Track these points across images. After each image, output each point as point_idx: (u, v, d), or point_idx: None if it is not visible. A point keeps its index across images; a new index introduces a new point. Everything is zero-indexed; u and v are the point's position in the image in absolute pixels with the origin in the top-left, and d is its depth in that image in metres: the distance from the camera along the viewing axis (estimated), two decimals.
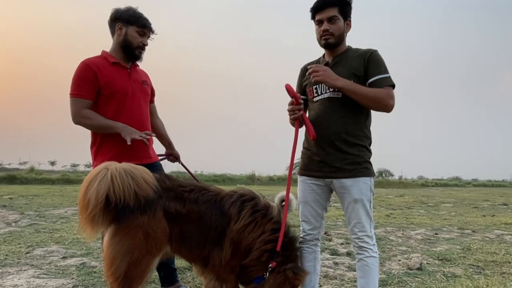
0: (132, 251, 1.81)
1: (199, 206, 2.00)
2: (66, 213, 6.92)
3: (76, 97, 2.32)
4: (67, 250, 3.90)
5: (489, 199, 13.89)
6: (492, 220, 7.23)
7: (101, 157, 2.36)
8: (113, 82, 2.37)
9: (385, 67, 2.12)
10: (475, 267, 3.61)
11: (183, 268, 3.33)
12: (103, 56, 2.45)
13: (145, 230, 1.82)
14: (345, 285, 3.01)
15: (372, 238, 2.15)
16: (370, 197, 2.14)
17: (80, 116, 2.32)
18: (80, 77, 2.33)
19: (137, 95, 2.48)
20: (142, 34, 2.45)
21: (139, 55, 2.49)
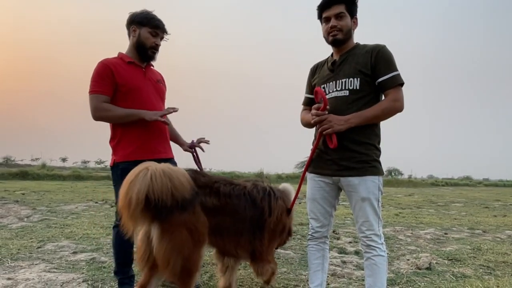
0: (182, 248, 1.96)
1: (232, 200, 2.21)
2: (76, 209, 7.02)
3: (95, 93, 2.43)
4: (77, 245, 3.95)
5: (501, 199, 13.68)
6: (503, 221, 7.12)
7: (121, 151, 2.47)
8: (129, 80, 2.48)
9: (393, 64, 2.08)
10: (486, 268, 3.57)
11: None
12: (119, 56, 2.57)
13: (188, 227, 1.99)
14: (353, 284, 3.00)
15: (380, 237, 2.14)
16: (378, 196, 2.13)
17: (100, 109, 2.41)
18: (99, 75, 2.43)
19: (152, 92, 2.58)
20: (154, 34, 2.54)
21: (152, 55, 2.58)
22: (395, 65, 2.08)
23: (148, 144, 2.49)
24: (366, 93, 2.11)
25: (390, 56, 2.09)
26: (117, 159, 2.49)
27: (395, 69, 2.07)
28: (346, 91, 2.13)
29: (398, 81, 2.05)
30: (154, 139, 2.51)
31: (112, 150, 2.55)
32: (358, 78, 2.10)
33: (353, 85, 2.11)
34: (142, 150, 2.46)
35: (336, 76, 2.19)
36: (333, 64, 2.23)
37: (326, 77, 2.23)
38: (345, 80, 2.14)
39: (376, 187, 2.11)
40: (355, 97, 2.10)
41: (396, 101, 2.04)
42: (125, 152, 2.46)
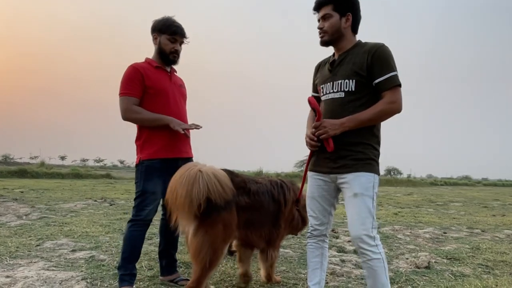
0: (215, 241, 2.22)
1: (260, 197, 2.53)
2: (75, 207, 7.01)
3: (126, 95, 2.58)
4: (76, 243, 3.95)
5: (499, 199, 13.71)
6: (502, 220, 7.13)
7: (147, 149, 2.62)
8: (157, 83, 2.64)
9: (390, 64, 2.02)
10: (484, 267, 3.57)
11: (190, 263, 3.35)
12: (147, 61, 2.73)
13: (225, 223, 2.25)
14: (352, 283, 3.00)
15: (374, 238, 2.06)
16: (371, 194, 2.07)
17: (130, 111, 2.57)
18: (129, 78, 2.59)
19: (177, 95, 2.75)
20: (173, 41, 2.69)
21: (173, 59, 2.74)
22: (392, 65, 2.03)
23: (173, 144, 2.64)
24: (363, 95, 2.08)
25: (387, 56, 2.03)
26: (142, 157, 2.62)
27: (392, 69, 2.01)
28: (342, 93, 2.11)
29: (395, 82, 2.00)
30: (178, 139, 2.66)
31: (137, 148, 2.68)
32: (354, 80, 2.08)
33: (349, 86, 2.09)
34: (167, 149, 2.62)
35: (334, 77, 2.17)
36: (332, 64, 2.22)
37: (325, 78, 2.23)
38: (341, 81, 2.12)
39: (370, 183, 2.07)
40: (351, 99, 2.09)
41: (392, 103, 2.00)
42: (151, 151, 2.60)
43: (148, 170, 2.60)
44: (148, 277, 2.95)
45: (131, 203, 8.01)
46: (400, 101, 2.03)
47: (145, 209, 2.60)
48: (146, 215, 2.61)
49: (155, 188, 2.60)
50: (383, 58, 2.03)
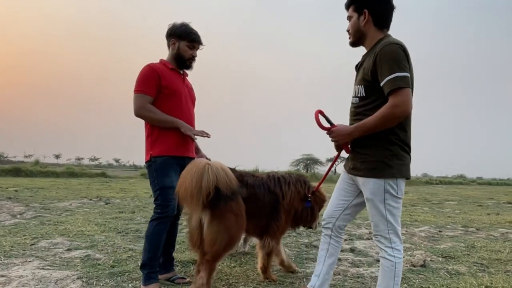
0: (229, 229, 2.44)
1: (255, 189, 2.73)
2: (70, 206, 6.97)
3: (141, 93, 2.65)
4: (71, 242, 3.92)
5: (494, 198, 13.80)
6: (497, 219, 7.18)
7: (158, 147, 2.70)
8: (172, 84, 2.73)
9: (391, 65, 1.91)
10: (479, 265, 3.59)
11: (187, 262, 3.35)
12: (162, 63, 2.81)
13: (235, 212, 2.47)
14: (348, 281, 3.00)
15: (389, 240, 2.07)
16: (383, 198, 2.04)
17: (145, 109, 2.64)
18: (146, 77, 2.66)
19: (188, 98, 2.86)
20: (192, 47, 2.79)
21: (189, 65, 2.85)
22: (393, 66, 1.91)
23: (182, 143, 2.74)
24: (374, 99, 2.04)
25: (389, 57, 1.93)
26: (154, 153, 2.70)
27: (394, 71, 1.90)
28: (356, 98, 2.15)
29: (395, 84, 1.89)
30: (186, 140, 2.76)
31: (148, 145, 2.75)
32: (363, 86, 2.08)
33: (360, 92, 2.11)
34: (178, 147, 2.72)
35: (355, 82, 2.22)
36: (356, 67, 2.25)
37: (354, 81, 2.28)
38: (357, 87, 2.15)
39: (380, 188, 2.03)
40: (363, 103, 2.09)
41: (396, 107, 1.90)
42: (163, 148, 2.68)
43: (162, 166, 2.67)
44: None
45: (126, 202, 8.02)
46: (405, 103, 1.90)
47: (169, 205, 2.65)
48: (171, 211, 2.67)
49: (173, 182, 2.63)
50: (384, 60, 1.94)
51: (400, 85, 1.89)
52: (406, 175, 2.08)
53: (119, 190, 11.14)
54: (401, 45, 1.97)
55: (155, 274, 2.66)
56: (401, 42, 1.99)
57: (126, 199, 8.65)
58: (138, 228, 4.89)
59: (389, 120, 1.94)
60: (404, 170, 2.07)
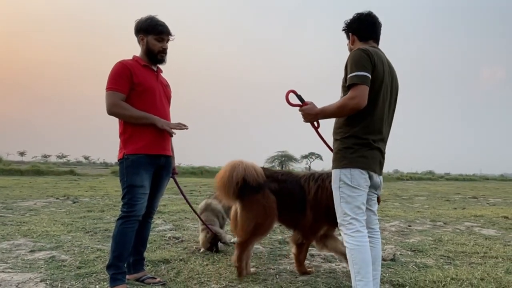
0: (256, 217, 2.80)
1: (287, 185, 2.93)
2: (35, 205, 6.68)
3: (113, 90, 2.58)
4: (35, 244, 3.75)
5: (460, 193, 14.38)
6: (463, 213, 7.46)
7: (133, 144, 2.62)
8: (144, 81, 2.66)
9: (349, 67, 2.17)
10: (446, 258, 3.71)
11: (158, 261, 3.26)
12: (135, 59, 2.74)
13: (262, 203, 2.81)
14: (321, 276, 3.02)
15: (345, 227, 2.25)
16: (338, 186, 2.27)
17: (117, 107, 2.57)
18: (117, 74, 2.60)
19: (162, 95, 2.79)
20: (160, 40, 2.72)
21: (161, 59, 2.77)
22: (353, 66, 2.16)
23: (157, 141, 2.67)
24: None
25: (351, 60, 2.19)
26: (127, 152, 2.62)
27: (353, 70, 2.15)
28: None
29: (351, 81, 2.14)
30: (161, 137, 2.70)
31: (122, 143, 2.68)
32: (343, 92, 2.31)
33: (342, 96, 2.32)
34: (152, 145, 2.65)
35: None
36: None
37: None
38: (341, 94, 2.36)
39: (337, 178, 2.28)
40: None
41: (351, 99, 2.13)
42: (137, 146, 2.61)
43: (134, 164, 2.60)
44: None
45: (95, 200, 7.79)
46: (360, 97, 2.11)
47: (136, 204, 2.58)
48: (138, 210, 2.59)
49: (142, 182, 2.59)
50: (349, 62, 2.21)
51: (356, 81, 2.13)
52: (361, 166, 2.22)
53: (89, 188, 10.81)
54: (366, 50, 2.19)
55: (122, 275, 2.57)
56: (368, 49, 2.22)
57: (96, 197, 8.40)
58: (108, 227, 4.74)
59: (344, 110, 2.19)
60: (359, 161, 2.23)
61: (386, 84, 2.28)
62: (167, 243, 4.01)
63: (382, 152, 2.34)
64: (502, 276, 3.05)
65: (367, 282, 2.14)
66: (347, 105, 2.15)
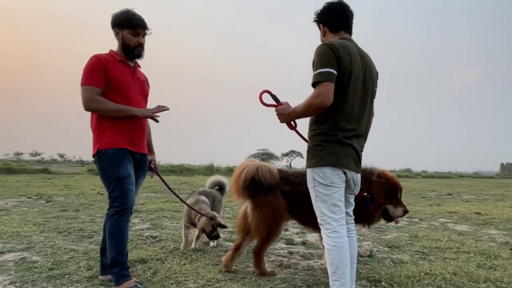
0: (267, 219, 2.83)
1: (301, 187, 2.74)
2: (6, 205, 6.44)
3: (89, 85, 2.51)
4: (5, 245, 3.61)
5: (436, 190, 14.75)
6: (438, 209, 7.66)
7: (106, 138, 2.55)
8: (119, 77, 2.59)
9: (316, 63, 2.11)
10: (421, 253, 3.79)
11: (134, 261, 3.19)
12: (110, 54, 2.67)
13: (271, 205, 2.83)
14: (299, 274, 3.03)
15: (323, 226, 2.23)
16: (312, 185, 2.24)
17: (94, 101, 2.50)
18: (93, 68, 2.53)
19: (138, 91, 2.72)
20: (136, 34, 2.65)
21: (138, 53, 2.69)
22: (317, 63, 2.11)
23: (132, 137, 2.62)
24: None
25: (316, 56, 2.14)
26: (101, 146, 2.55)
27: (317, 67, 2.10)
28: None
29: (316, 78, 2.08)
30: (137, 134, 2.66)
31: (95, 138, 2.60)
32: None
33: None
34: (127, 141, 2.59)
35: None
36: None
37: None
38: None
39: (310, 177, 2.24)
40: None
41: (315, 97, 2.07)
42: (111, 140, 2.55)
43: (116, 156, 2.55)
44: (86, 278, 2.77)
45: (70, 199, 7.57)
46: (324, 95, 2.05)
47: (127, 195, 2.53)
48: (130, 201, 2.54)
49: (129, 172, 2.55)
50: (314, 59, 2.16)
51: (320, 79, 2.07)
52: (331, 163, 2.16)
53: (63, 187, 10.49)
54: (330, 44, 2.12)
55: (127, 271, 2.55)
56: (333, 42, 2.15)
57: (71, 196, 8.16)
58: (82, 227, 4.62)
59: (310, 109, 2.14)
60: (328, 158, 2.17)
61: (357, 77, 2.19)
62: (144, 243, 3.94)
63: (355, 148, 2.24)
64: (473, 270, 3.15)
65: (344, 283, 2.14)
66: (312, 104, 2.10)
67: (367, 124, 2.35)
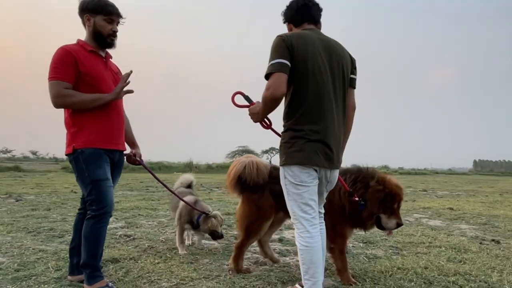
0: (249, 216, 2.83)
1: None
2: None
3: (57, 79, 2.34)
4: None
5: (412, 186, 15.08)
6: (413, 205, 7.82)
7: (83, 137, 2.41)
8: (92, 69, 2.43)
9: (270, 55, 2.08)
10: (394, 248, 3.86)
11: (105, 261, 3.11)
12: (79, 44, 2.48)
13: (256, 204, 2.80)
14: (274, 271, 3.02)
15: (295, 225, 2.22)
16: (284, 184, 2.20)
17: (63, 96, 2.34)
18: (61, 61, 2.35)
19: (112, 84, 2.54)
20: (110, 21, 2.48)
21: (111, 42, 2.53)
22: (270, 55, 2.07)
23: (109, 135, 2.50)
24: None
25: (271, 48, 2.10)
26: (77, 146, 2.41)
27: (270, 59, 2.07)
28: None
29: (267, 70, 2.05)
30: (115, 131, 2.53)
31: (70, 136, 2.46)
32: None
33: None
34: (105, 139, 2.47)
35: None
36: None
37: None
38: None
39: (282, 176, 2.21)
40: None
41: (266, 90, 2.03)
42: (88, 139, 2.41)
43: (93, 156, 2.41)
44: (54, 279, 2.68)
45: (42, 198, 7.30)
46: (272, 87, 2.00)
47: (105, 199, 2.41)
48: (109, 205, 2.43)
49: (106, 174, 2.43)
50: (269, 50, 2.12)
51: (270, 71, 2.03)
52: (298, 162, 2.09)
53: (35, 185, 10.12)
54: (282, 35, 2.10)
55: (99, 272, 2.48)
56: (286, 33, 2.15)
57: (42, 195, 7.88)
58: (53, 226, 4.46)
59: (266, 102, 2.08)
60: (296, 156, 2.10)
61: (318, 65, 2.09)
62: (117, 242, 3.85)
63: (327, 143, 2.11)
64: (444, 264, 3.23)
65: (315, 282, 2.14)
66: (265, 97, 2.04)
67: (342, 115, 2.23)
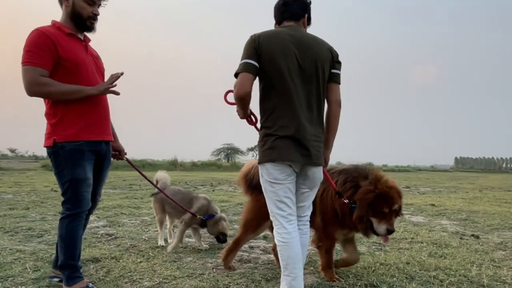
0: (250, 212, 2.91)
1: None
2: None
3: (31, 65, 2.14)
4: None
5: None
6: None
7: (66, 130, 2.26)
8: (73, 54, 2.26)
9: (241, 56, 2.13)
10: (377, 244, 3.89)
11: (86, 260, 3.04)
12: (56, 26, 2.28)
13: (261, 203, 2.55)
14: (259, 268, 3.01)
15: (273, 222, 2.24)
16: (262, 182, 2.23)
17: (37, 84, 2.15)
18: (37, 45, 2.15)
19: (94, 70, 2.41)
20: (91, 3, 2.31)
21: (91, 25, 2.36)
22: (241, 56, 2.13)
23: (94, 125, 2.34)
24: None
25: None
26: (59, 139, 2.25)
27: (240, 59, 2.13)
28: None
29: (235, 71, 2.11)
30: (100, 119, 2.38)
31: (50, 128, 2.29)
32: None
33: None
34: (90, 129, 2.31)
35: None
36: None
37: None
38: None
39: (260, 174, 2.24)
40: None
41: (234, 89, 2.10)
42: (71, 131, 2.25)
43: (73, 154, 2.26)
44: (32, 280, 2.60)
45: (20, 197, 7.10)
46: (237, 85, 2.07)
47: (81, 199, 2.31)
48: (85, 205, 2.34)
49: (86, 174, 2.30)
50: None
51: (236, 71, 2.09)
52: (270, 159, 2.12)
53: (13, 184, 9.82)
54: (253, 36, 2.12)
55: (78, 272, 2.39)
56: (256, 33, 2.15)
57: (21, 193, 7.65)
58: (31, 226, 4.34)
59: (236, 101, 2.16)
60: (267, 153, 2.13)
61: (287, 64, 2.08)
62: (98, 241, 3.77)
63: (299, 139, 2.08)
64: (425, 259, 3.28)
65: (295, 277, 2.14)
66: (234, 96, 2.13)
67: (317, 112, 2.20)
